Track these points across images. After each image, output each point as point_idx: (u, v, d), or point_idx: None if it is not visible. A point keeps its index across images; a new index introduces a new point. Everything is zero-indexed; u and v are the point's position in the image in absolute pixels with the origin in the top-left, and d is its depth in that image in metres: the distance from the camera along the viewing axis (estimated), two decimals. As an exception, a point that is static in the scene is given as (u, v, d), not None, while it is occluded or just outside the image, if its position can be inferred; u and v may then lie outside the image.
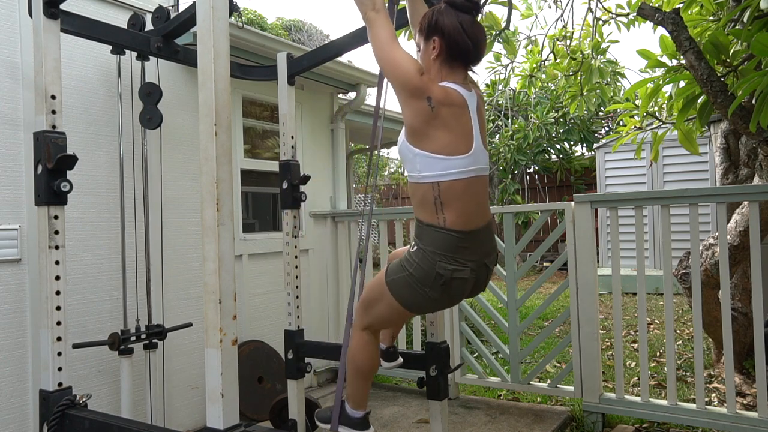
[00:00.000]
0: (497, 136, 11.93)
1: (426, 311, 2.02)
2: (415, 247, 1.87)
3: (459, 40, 1.84)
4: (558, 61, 4.73)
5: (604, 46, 4.56)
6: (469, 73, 1.95)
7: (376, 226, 4.27)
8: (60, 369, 2.15)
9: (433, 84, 1.82)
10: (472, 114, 1.87)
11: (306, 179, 2.96)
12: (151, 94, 2.90)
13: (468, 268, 1.84)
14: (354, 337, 2.07)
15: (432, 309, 2.01)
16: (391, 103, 15.29)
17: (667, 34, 2.90)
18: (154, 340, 2.92)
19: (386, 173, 17.01)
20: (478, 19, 1.92)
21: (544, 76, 5.40)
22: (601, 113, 11.84)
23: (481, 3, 3.93)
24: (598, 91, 4.89)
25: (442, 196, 1.81)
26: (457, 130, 1.83)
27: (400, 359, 2.47)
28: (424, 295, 1.85)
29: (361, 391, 2.10)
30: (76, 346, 2.59)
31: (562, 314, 3.35)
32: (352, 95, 4.61)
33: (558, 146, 11.96)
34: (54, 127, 2.17)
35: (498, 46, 4.61)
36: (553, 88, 11.05)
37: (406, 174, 1.92)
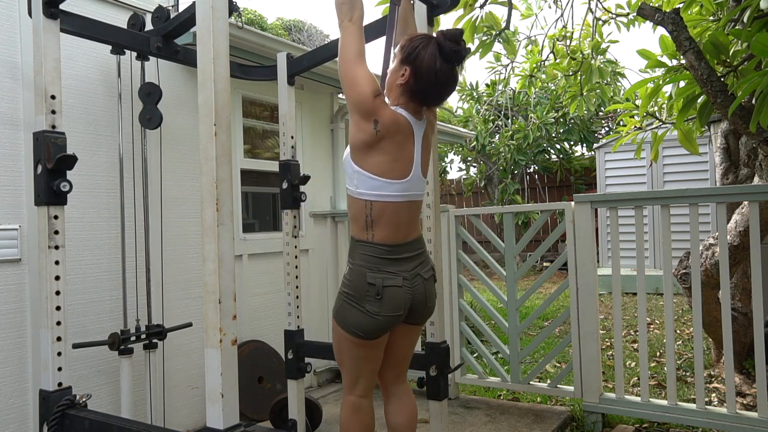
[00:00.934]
0: (497, 136, 11.93)
1: (377, 333, 1.91)
2: (348, 267, 1.95)
3: (427, 82, 1.87)
4: (558, 61, 4.74)
5: (604, 46, 4.57)
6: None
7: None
8: (60, 369, 2.15)
9: (384, 108, 1.85)
10: (416, 142, 1.92)
11: (306, 179, 2.96)
12: (151, 94, 2.90)
13: (400, 278, 1.90)
14: (343, 405, 2.05)
15: (380, 329, 1.91)
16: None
17: (667, 34, 2.90)
18: (154, 340, 2.92)
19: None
20: (457, 70, 1.92)
21: (544, 76, 5.41)
22: (601, 113, 11.84)
23: (480, 5, 3.93)
24: (598, 91, 4.90)
25: (374, 214, 1.89)
26: (398, 156, 1.89)
27: None
28: (365, 313, 1.87)
29: None
30: (76, 346, 2.59)
31: (562, 314, 3.35)
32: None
33: (558, 146, 11.96)
34: (54, 127, 2.17)
35: (498, 46, 4.61)
36: (553, 88, 11.05)
37: (346, 187, 1.98)
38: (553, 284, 8.60)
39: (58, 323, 2.16)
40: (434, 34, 1.89)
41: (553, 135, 11.50)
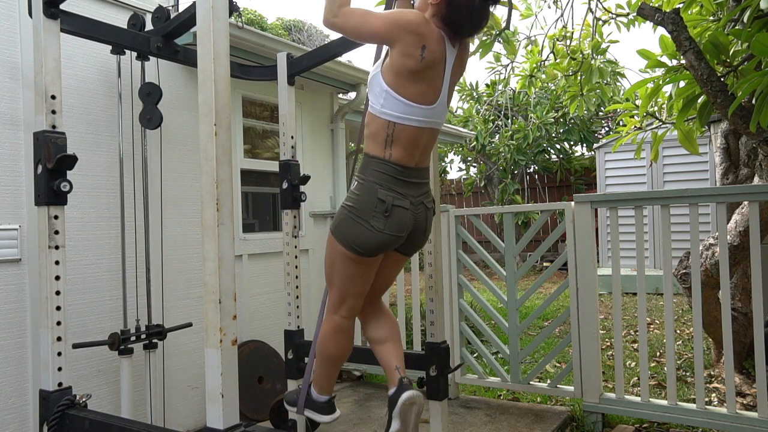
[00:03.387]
0: (497, 136, 11.93)
1: (376, 250, 1.93)
2: (356, 182, 1.95)
3: (462, 13, 1.86)
4: (558, 61, 4.73)
5: (604, 46, 4.56)
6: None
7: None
8: (60, 369, 2.15)
9: (432, 31, 1.85)
10: (447, 68, 1.94)
11: (306, 179, 2.96)
12: (151, 94, 2.90)
13: (408, 200, 1.93)
14: (325, 323, 2.08)
15: (381, 247, 1.93)
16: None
17: (667, 34, 2.90)
18: (154, 340, 2.92)
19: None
20: (491, 9, 1.93)
21: (544, 76, 5.40)
22: (601, 113, 11.84)
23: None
24: (598, 91, 4.89)
25: (395, 135, 1.90)
26: (430, 82, 1.90)
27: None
28: (369, 229, 1.89)
29: (327, 377, 2.12)
30: (76, 346, 2.59)
31: (562, 314, 3.35)
32: (352, 95, 4.61)
33: (558, 146, 11.96)
34: (54, 127, 2.17)
35: (498, 46, 4.61)
36: (553, 88, 11.05)
37: (369, 103, 1.97)
38: (553, 284, 8.60)
39: (58, 323, 2.16)
40: None
41: (553, 135, 11.50)
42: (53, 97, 2.17)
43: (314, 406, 2.14)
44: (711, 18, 3.20)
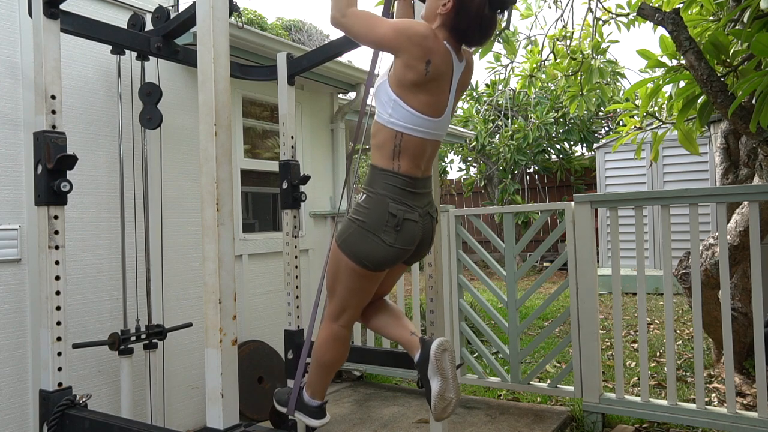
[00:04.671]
0: (497, 136, 11.93)
1: (385, 265, 1.92)
2: (365, 195, 1.92)
3: (470, 23, 1.84)
4: (558, 61, 4.73)
5: (604, 46, 4.56)
6: None
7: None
8: (60, 369, 2.15)
9: (438, 46, 1.84)
10: (453, 82, 1.93)
11: (306, 179, 2.96)
12: (151, 94, 2.90)
13: (416, 213, 1.92)
14: (323, 330, 2.07)
15: (390, 261, 1.92)
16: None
17: (667, 34, 2.90)
18: (154, 340, 2.92)
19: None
20: (501, 18, 1.94)
21: (544, 76, 5.40)
22: (601, 113, 11.84)
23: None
24: (598, 91, 4.89)
25: (402, 146, 1.89)
26: (435, 94, 1.89)
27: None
28: (378, 243, 1.87)
29: (320, 383, 2.11)
30: (76, 346, 2.59)
31: (562, 314, 3.35)
32: (352, 95, 4.61)
33: (558, 146, 11.96)
34: (54, 127, 2.17)
35: (498, 46, 4.61)
36: (553, 88, 11.05)
37: (375, 113, 1.96)
38: (553, 284, 8.60)
39: (58, 323, 2.16)
40: None
41: (553, 135, 11.50)
42: (53, 97, 2.17)
43: (305, 409, 2.13)
44: (711, 18, 3.20)
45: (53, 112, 2.17)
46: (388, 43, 1.83)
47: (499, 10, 1.87)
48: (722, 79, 2.76)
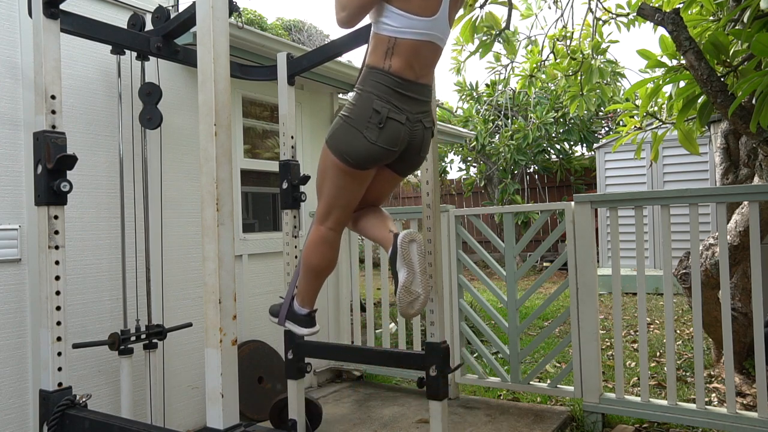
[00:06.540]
0: (497, 136, 11.93)
1: (367, 163, 1.93)
2: (356, 93, 1.95)
3: None
4: (558, 61, 4.74)
5: (604, 46, 4.57)
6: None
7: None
8: (60, 369, 2.15)
9: None
10: None
11: (306, 179, 2.96)
12: (151, 94, 2.90)
13: (404, 115, 1.92)
14: (311, 233, 2.08)
15: (371, 159, 1.92)
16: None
17: (667, 34, 2.90)
18: (154, 340, 2.92)
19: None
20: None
21: (544, 76, 5.41)
22: (601, 113, 11.84)
23: (480, 5, 3.93)
24: (598, 91, 4.90)
25: (395, 48, 1.90)
26: None
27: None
28: (360, 139, 1.88)
29: (309, 289, 2.13)
30: (76, 346, 2.59)
31: (562, 314, 3.35)
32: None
33: (558, 146, 11.96)
34: (54, 127, 2.17)
35: (498, 46, 4.61)
36: (553, 88, 11.05)
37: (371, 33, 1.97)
38: (553, 284, 8.60)
39: (58, 323, 2.16)
40: None
41: (553, 135, 11.50)
42: (53, 97, 2.17)
43: (295, 318, 2.16)
44: (711, 18, 3.20)
45: (53, 112, 2.17)
46: None
47: None
48: (722, 79, 2.76)
